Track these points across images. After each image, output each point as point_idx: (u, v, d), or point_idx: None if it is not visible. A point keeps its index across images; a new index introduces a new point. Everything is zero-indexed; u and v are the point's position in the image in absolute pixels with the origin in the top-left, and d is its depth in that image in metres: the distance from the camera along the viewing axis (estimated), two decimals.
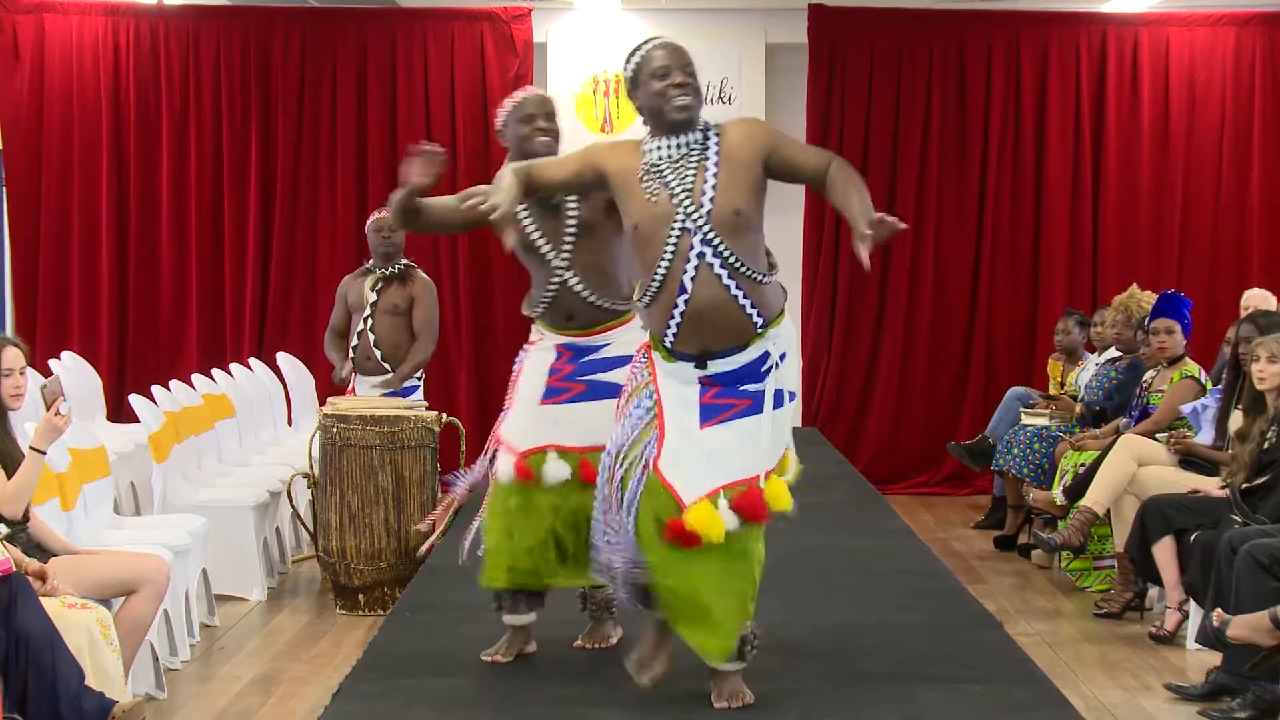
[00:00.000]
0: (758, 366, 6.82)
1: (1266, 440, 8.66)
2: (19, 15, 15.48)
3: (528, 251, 7.51)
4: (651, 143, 6.92)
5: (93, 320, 15.65)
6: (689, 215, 6.67)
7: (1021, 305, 15.40)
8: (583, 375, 7.61)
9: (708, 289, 6.65)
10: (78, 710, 6.16)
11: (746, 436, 6.83)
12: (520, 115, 7.58)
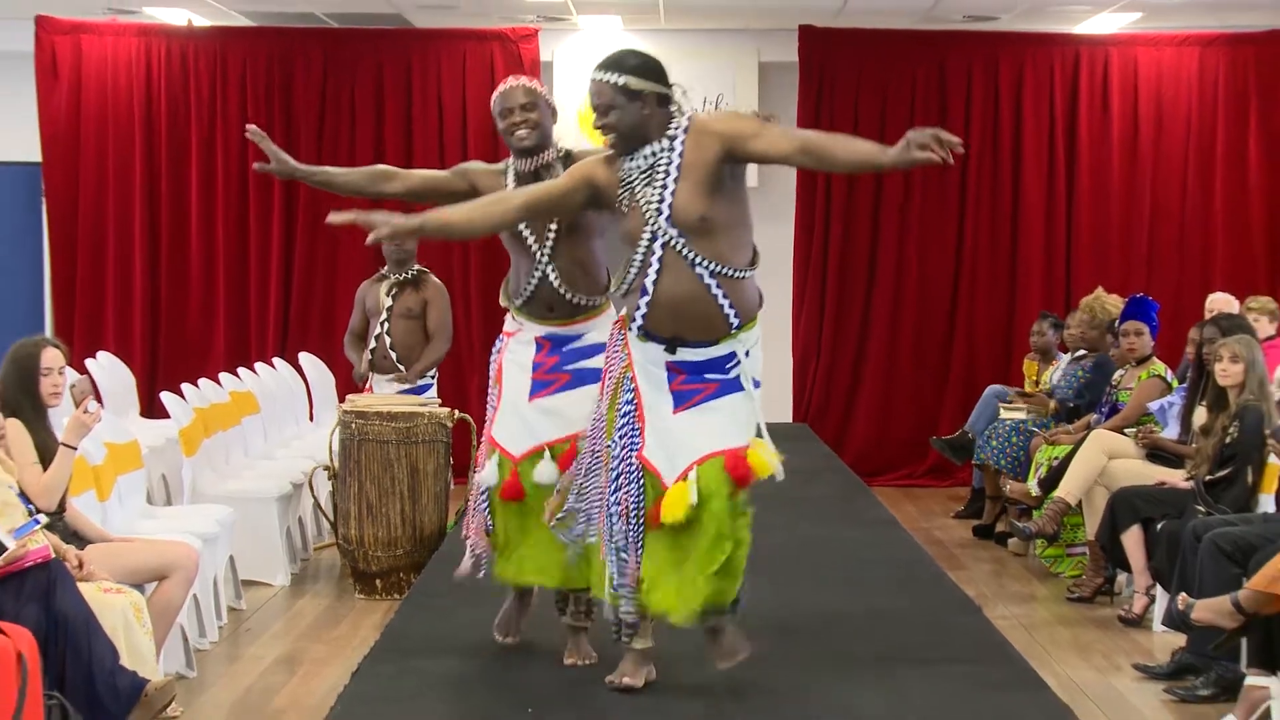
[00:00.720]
0: (723, 363, 6.77)
1: (1228, 435, 8.67)
2: (58, 36, 15.52)
3: (515, 241, 7.40)
4: (623, 159, 6.82)
5: (126, 322, 15.67)
6: (657, 226, 6.61)
7: (999, 308, 15.40)
8: (567, 365, 7.49)
9: (681, 283, 6.60)
10: (113, 688, 6.17)
11: (718, 415, 6.74)
12: (499, 111, 7.47)
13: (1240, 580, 7.04)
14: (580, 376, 7.44)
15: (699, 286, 6.59)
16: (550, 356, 7.48)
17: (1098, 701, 7.51)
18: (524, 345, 7.54)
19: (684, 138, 6.72)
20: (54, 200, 15.67)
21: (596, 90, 6.76)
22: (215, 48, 15.77)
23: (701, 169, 6.62)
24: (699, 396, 6.75)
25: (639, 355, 6.82)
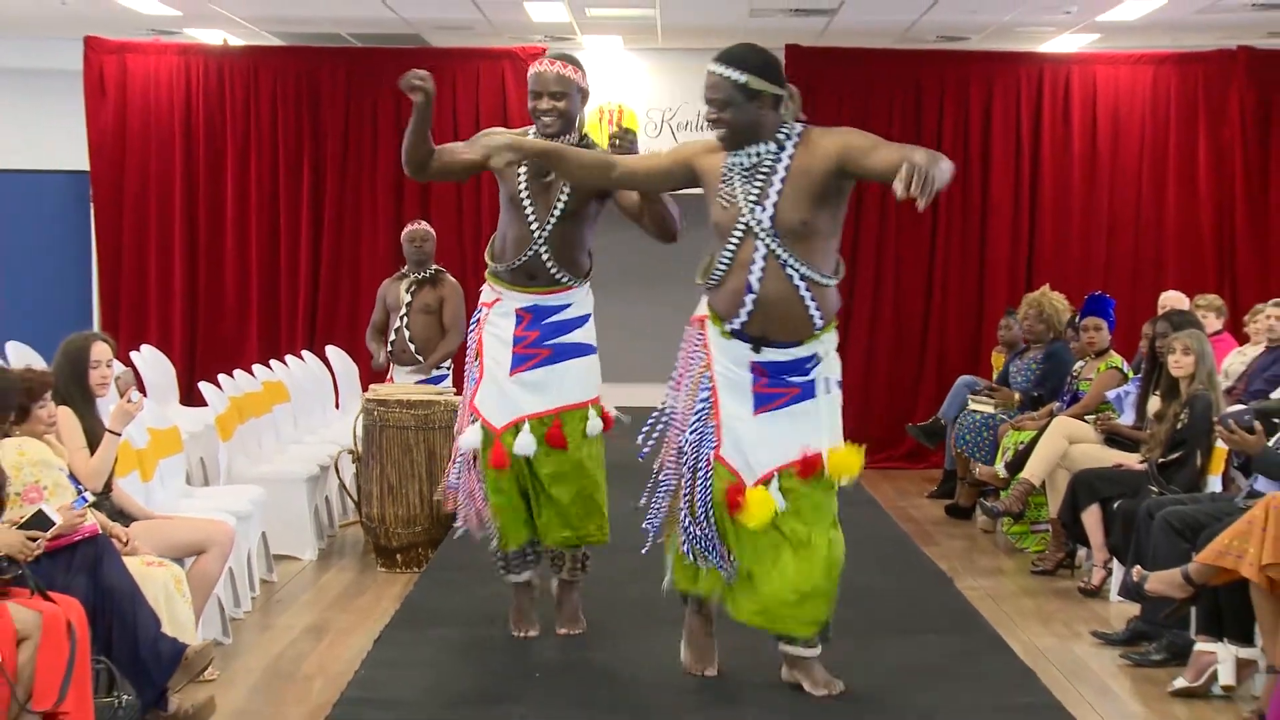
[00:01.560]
0: (804, 364, 6.49)
1: (1180, 421, 8.68)
2: (105, 55, 15.57)
3: (514, 211, 7.32)
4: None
5: (167, 317, 15.69)
6: (756, 221, 6.32)
7: (969, 305, 15.41)
8: (547, 340, 7.35)
9: (776, 286, 6.34)
10: (155, 653, 6.17)
11: (800, 419, 6.50)
12: (532, 89, 7.36)
13: (1189, 555, 7.05)
14: (561, 351, 7.36)
15: (790, 289, 6.35)
16: (531, 330, 7.35)
17: (1059, 666, 7.52)
18: (504, 318, 7.41)
19: (795, 143, 6.44)
20: (101, 206, 15.70)
21: (714, 84, 6.41)
22: (248, 65, 15.80)
23: (810, 177, 6.34)
24: (780, 400, 6.49)
25: (720, 355, 6.55)
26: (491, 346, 7.42)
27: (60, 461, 6.52)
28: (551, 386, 7.33)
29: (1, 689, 5.54)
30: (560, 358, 7.36)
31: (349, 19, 15.05)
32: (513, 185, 7.33)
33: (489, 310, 7.48)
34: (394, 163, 15.21)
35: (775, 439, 6.46)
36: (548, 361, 7.34)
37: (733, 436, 6.50)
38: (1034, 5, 13.93)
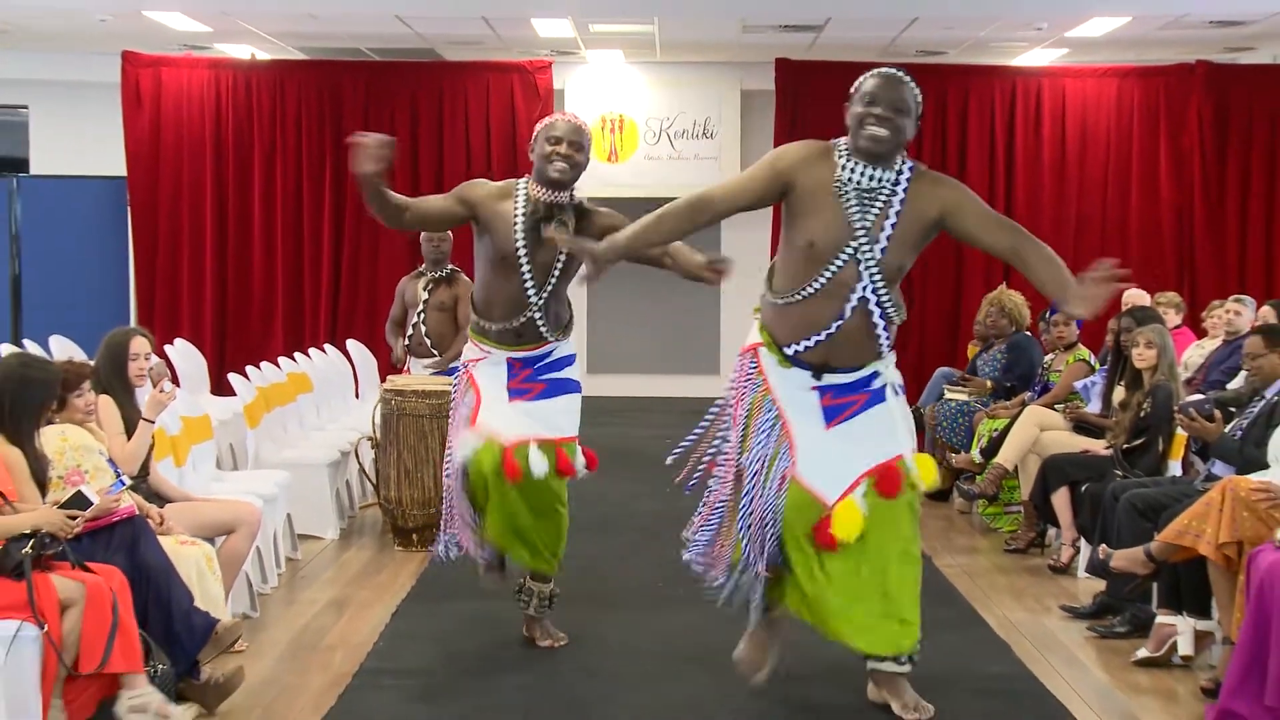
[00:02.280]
0: (867, 382, 6.02)
1: (1143, 409, 8.68)
2: (141, 69, 15.61)
3: (506, 268, 6.69)
4: (849, 161, 5.86)
5: (198, 313, 15.73)
6: (861, 253, 5.75)
7: (946, 302, 15.43)
8: (540, 376, 6.86)
9: (858, 320, 5.83)
10: (189, 627, 6.18)
11: (875, 424, 6.01)
12: (550, 135, 6.64)
13: (1152, 534, 7.05)
14: (556, 386, 6.89)
15: (868, 325, 5.87)
16: (523, 370, 6.87)
17: (1030, 638, 7.51)
18: (494, 366, 6.88)
19: (909, 179, 5.89)
20: (137, 209, 15.73)
21: (899, 89, 5.88)
22: (274, 78, 15.82)
23: (916, 222, 5.85)
24: (851, 410, 5.98)
25: (779, 380, 6.00)
26: (486, 382, 6.86)
27: (100, 447, 6.53)
28: (551, 417, 6.81)
29: (48, 654, 5.57)
30: (554, 392, 6.87)
31: (368, 35, 15.06)
32: (506, 243, 6.69)
33: (478, 364, 6.94)
34: (411, 168, 15.29)
35: (854, 447, 5.96)
36: (544, 395, 6.85)
37: (808, 454, 5.94)
38: (1007, 22, 13.95)
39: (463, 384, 6.95)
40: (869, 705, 6.20)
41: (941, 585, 8.56)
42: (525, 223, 6.64)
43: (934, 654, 7.05)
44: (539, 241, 6.63)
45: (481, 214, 6.69)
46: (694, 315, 17.19)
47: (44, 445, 6.19)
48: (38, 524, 5.74)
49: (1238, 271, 15.41)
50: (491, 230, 6.70)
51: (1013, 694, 6.54)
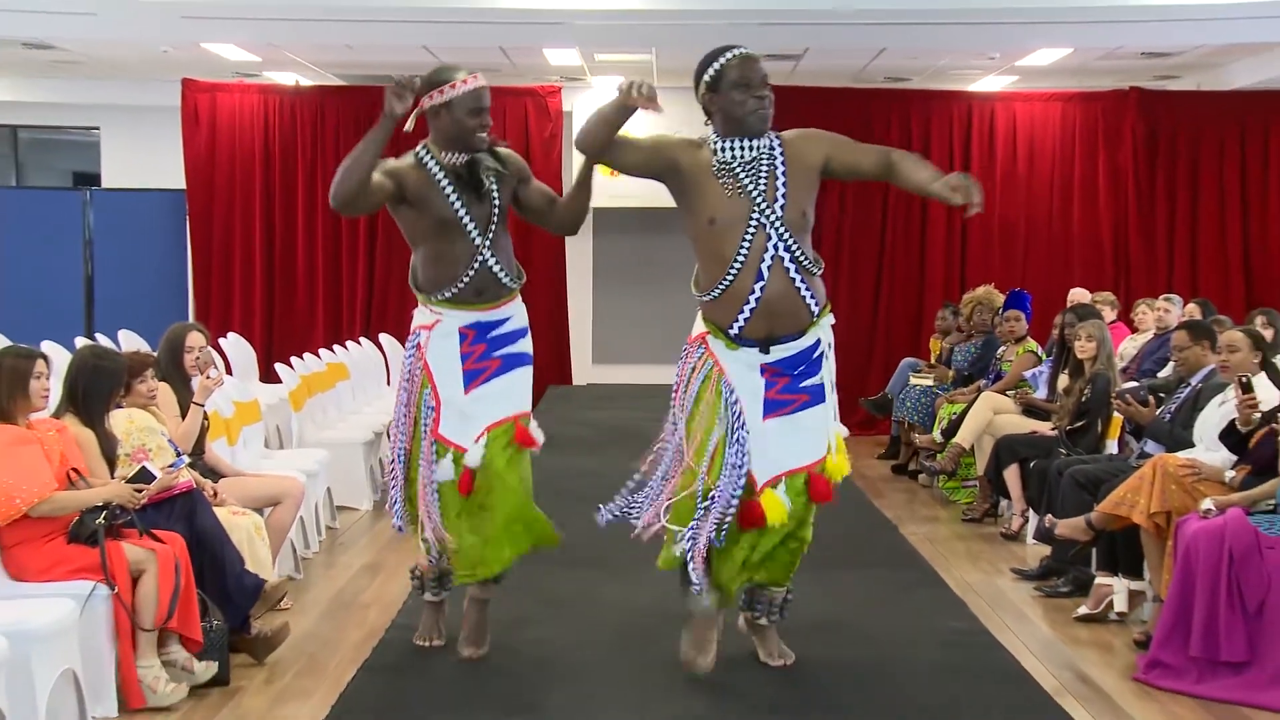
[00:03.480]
0: (810, 354, 5.75)
1: (1084, 395, 8.68)
2: (199, 94, 15.62)
3: (446, 230, 5.95)
4: (723, 143, 5.71)
5: (249, 310, 15.73)
6: (765, 215, 5.55)
7: (910, 300, 15.40)
8: (494, 351, 6.06)
9: (779, 282, 5.57)
10: (241, 587, 6.19)
11: (805, 427, 5.74)
12: (472, 106, 5.99)
13: (1091, 505, 7.05)
14: (510, 361, 6.12)
15: (788, 282, 5.60)
16: (476, 345, 6.05)
17: (984, 597, 7.52)
18: (445, 338, 6.05)
19: (779, 142, 5.75)
20: (195, 218, 15.73)
21: (758, 67, 5.77)
22: (316, 101, 15.81)
23: (805, 171, 5.67)
24: (789, 408, 5.71)
25: (731, 363, 5.71)
26: (440, 370, 6.04)
27: (162, 428, 6.55)
28: (509, 394, 6.10)
29: (120, 612, 5.58)
30: (509, 367, 6.11)
31: (398, 63, 15.02)
32: (442, 208, 5.98)
33: (428, 333, 6.09)
34: None
35: (782, 446, 5.71)
36: (500, 372, 6.07)
37: (749, 440, 5.70)
38: (964, 52, 13.95)
39: (417, 367, 6.11)
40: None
41: (907, 551, 8.57)
42: (452, 185, 5.98)
43: (901, 611, 7.09)
44: (472, 197, 5.98)
45: (409, 189, 5.98)
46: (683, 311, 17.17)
47: (113, 427, 6.20)
48: (108, 497, 5.75)
49: (1166, 273, 15.43)
50: (422, 201, 5.97)
51: (969, 646, 6.54)
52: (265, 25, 12.33)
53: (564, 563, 7.51)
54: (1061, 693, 5.93)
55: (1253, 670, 5.84)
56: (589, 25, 11.89)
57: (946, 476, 10.35)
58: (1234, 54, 14.42)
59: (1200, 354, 7.67)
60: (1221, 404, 7.10)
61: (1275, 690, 5.77)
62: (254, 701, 5.78)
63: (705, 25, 11.83)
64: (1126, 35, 12.61)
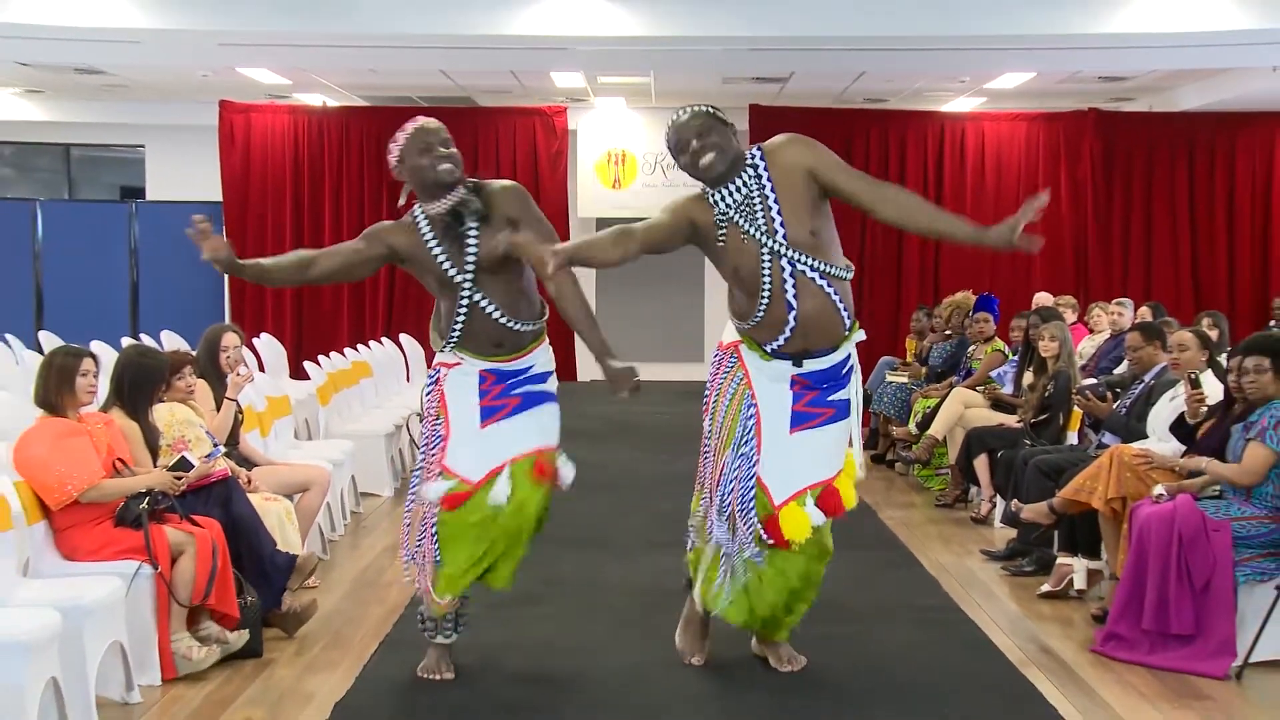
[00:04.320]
0: (840, 369, 5.35)
1: (1047, 391, 8.68)
2: (234, 115, 15.70)
3: (442, 284, 5.36)
4: (712, 195, 5.27)
5: (280, 313, 15.77)
6: (773, 247, 5.13)
7: (888, 303, 15.46)
8: (514, 390, 5.42)
9: (811, 300, 5.16)
10: (274, 566, 6.20)
11: (829, 441, 5.36)
12: (420, 146, 5.36)
13: (1054, 491, 7.05)
14: (530, 399, 5.45)
15: (821, 295, 5.17)
16: (495, 386, 5.41)
17: (955, 576, 7.52)
18: (465, 376, 5.43)
19: (764, 163, 5.27)
20: (231, 228, 15.75)
21: (691, 119, 5.27)
22: (341, 121, 15.83)
23: (796, 191, 5.21)
24: (816, 421, 5.30)
25: (759, 374, 5.31)
26: (455, 405, 5.42)
27: (200, 421, 6.55)
28: (529, 429, 5.44)
29: (162, 590, 5.59)
30: (529, 405, 5.44)
31: (417, 85, 15.06)
32: (436, 270, 5.36)
33: (448, 370, 5.47)
34: None
35: (806, 460, 5.32)
36: (518, 410, 5.42)
37: (769, 453, 5.29)
38: (936, 76, 13.96)
39: (434, 401, 5.50)
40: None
41: (884, 534, 8.56)
42: (440, 245, 5.33)
43: (879, 590, 7.08)
44: (455, 249, 5.30)
45: (403, 253, 5.42)
46: (682, 312, 17.19)
47: (155, 419, 6.21)
48: (151, 484, 5.76)
49: (1121, 278, 15.49)
50: (419, 264, 5.41)
51: (942, 622, 6.54)
52: (295, 51, 12.34)
53: (568, 545, 7.52)
54: (1026, 663, 5.93)
55: (1198, 642, 5.85)
56: (592, 51, 11.90)
57: (921, 465, 10.34)
58: (1184, 79, 14.45)
59: (1152, 353, 7.68)
60: (1172, 399, 7.10)
61: (1218, 660, 5.79)
62: (285, 672, 5.78)
63: (700, 51, 11.85)
64: (1085, 61, 12.62)
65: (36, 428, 5.66)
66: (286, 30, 10.93)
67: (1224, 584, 5.84)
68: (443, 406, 5.45)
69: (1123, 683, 5.72)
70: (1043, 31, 10.81)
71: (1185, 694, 5.57)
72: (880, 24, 10.78)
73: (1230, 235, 15.66)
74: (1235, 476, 6.01)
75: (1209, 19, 10.54)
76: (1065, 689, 5.61)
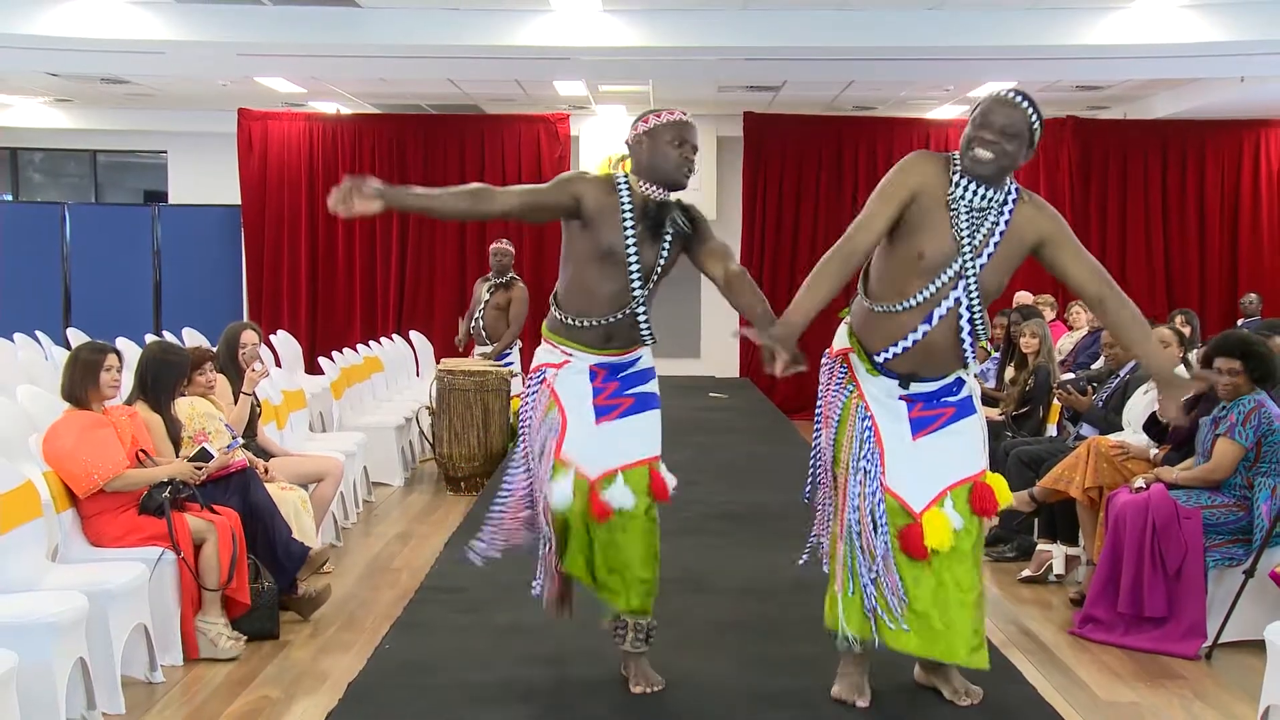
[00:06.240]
0: (952, 389, 4.81)
1: (1027, 385, 8.67)
2: (252, 122, 15.67)
3: (611, 263, 4.91)
4: (961, 178, 4.62)
5: (296, 310, 15.74)
6: (966, 269, 4.58)
7: None
8: (627, 390, 5.03)
9: (946, 334, 4.65)
10: (289, 553, 6.19)
11: (959, 439, 4.79)
12: (677, 137, 4.90)
13: (1034, 480, 7.06)
14: (643, 400, 5.06)
15: (956, 339, 4.68)
16: (609, 383, 5.01)
17: None
18: (577, 374, 4.99)
19: (1015, 203, 4.69)
20: (249, 230, 15.76)
21: (1016, 114, 4.58)
22: (355, 127, 15.81)
23: (1017, 245, 4.68)
24: (938, 422, 4.77)
25: (869, 387, 4.80)
26: (570, 399, 4.97)
27: (220, 414, 6.54)
28: (641, 435, 5.03)
29: (183, 574, 5.60)
30: (642, 408, 5.06)
31: (427, 94, 15.05)
32: (615, 238, 4.89)
33: (556, 370, 5.01)
34: None
35: (938, 461, 4.76)
36: (632, 411, 5.02)
37: (895, 462, 4.74)
38: (922, 84, 13.94)
39: (542, 398, 5.02)
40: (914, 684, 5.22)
41: None
42: (634, 218, 4.91)
43: None
44: (646, 238, 4.93)
45: (587, 208, 4.90)
46: (679, 310, 17.17)
47: (177, 412, 6.21)
48: (173, 474, 5.75)
49: None
50: (597, 225, 4.91)
51: None
52: (310, 62, 12.33)
53: None
54: (1007, 645, 5.93)
55: (1170, 624, 5.87)
56: (594, 61, 11.89)
57: None
58: (1157, 88, 14.45)
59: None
60: (1146, 392, 7.10)
61: (1189, 641, 5.80)
62: (300, 653, 5.78)
63: (696, 61, 11.84)
64: (1063, 71, 12.62)
65: (64, 420, 5.67)
66: (302, 42, 10.94)
67: (1195, 569, 5.86)
68: (555, 399, 4.96)
69: (1099, 663, 5.72)
70: (1023, 42, 10.82)
71: (1158, 673, 5.58)
72: (868, 35, 10.78)
73: (1201, 236, 15.66)
74: (1205, 475, 6.01)
75: (1181, 32, 10.57)
76: (1044, 669, 5.61)
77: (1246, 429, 5.93)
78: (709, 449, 10.95)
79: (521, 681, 5.26)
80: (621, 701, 5.03)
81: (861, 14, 10.68)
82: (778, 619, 6.14)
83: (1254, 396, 6.03)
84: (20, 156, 18.39)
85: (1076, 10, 10.59)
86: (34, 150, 18.43)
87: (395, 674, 5.36)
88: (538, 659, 5.54)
